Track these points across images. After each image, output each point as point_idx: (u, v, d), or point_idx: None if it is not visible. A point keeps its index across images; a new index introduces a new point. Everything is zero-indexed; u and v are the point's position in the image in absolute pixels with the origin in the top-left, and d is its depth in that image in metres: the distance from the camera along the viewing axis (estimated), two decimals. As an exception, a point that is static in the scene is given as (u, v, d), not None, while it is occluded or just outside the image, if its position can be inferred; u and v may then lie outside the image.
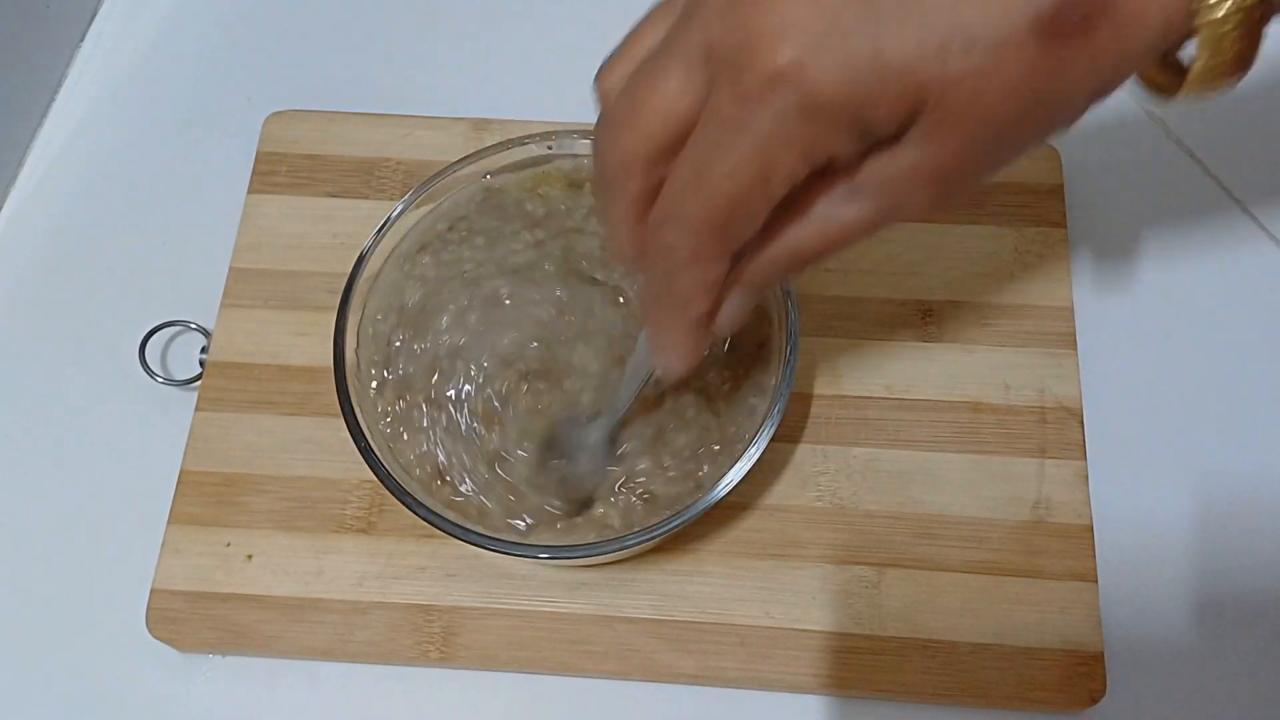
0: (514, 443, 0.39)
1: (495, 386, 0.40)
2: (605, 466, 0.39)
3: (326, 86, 0.55)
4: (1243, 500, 0.44)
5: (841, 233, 0.27)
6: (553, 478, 0.39)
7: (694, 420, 0.39)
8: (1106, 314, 0.48)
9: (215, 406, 0.46)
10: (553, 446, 0.39)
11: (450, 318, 0.41)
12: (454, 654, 0.41)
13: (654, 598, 0.42)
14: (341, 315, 0.40)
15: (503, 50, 0.56)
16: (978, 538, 0.42)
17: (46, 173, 0.54)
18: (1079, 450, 0.44)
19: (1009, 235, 0.48)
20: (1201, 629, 0.42)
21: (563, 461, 0.39)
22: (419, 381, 0.40)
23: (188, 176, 0.53)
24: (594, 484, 0.39)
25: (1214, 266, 0.49)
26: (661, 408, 0.39)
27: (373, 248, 0.41)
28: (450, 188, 0.43)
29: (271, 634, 0.42)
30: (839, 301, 0.47)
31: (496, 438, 0.39)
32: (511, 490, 0.39)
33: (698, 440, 0.39)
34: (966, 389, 0.45)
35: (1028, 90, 0.24)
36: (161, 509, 0.44)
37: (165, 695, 0.43)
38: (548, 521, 0.38)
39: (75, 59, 0.57)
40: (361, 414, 0.39)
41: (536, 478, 0.39)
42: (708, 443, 0.39)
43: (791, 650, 0.41)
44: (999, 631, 0.41)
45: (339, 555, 0.43)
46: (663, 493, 0.39)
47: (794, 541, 0.43)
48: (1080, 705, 0.40)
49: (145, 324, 0.48)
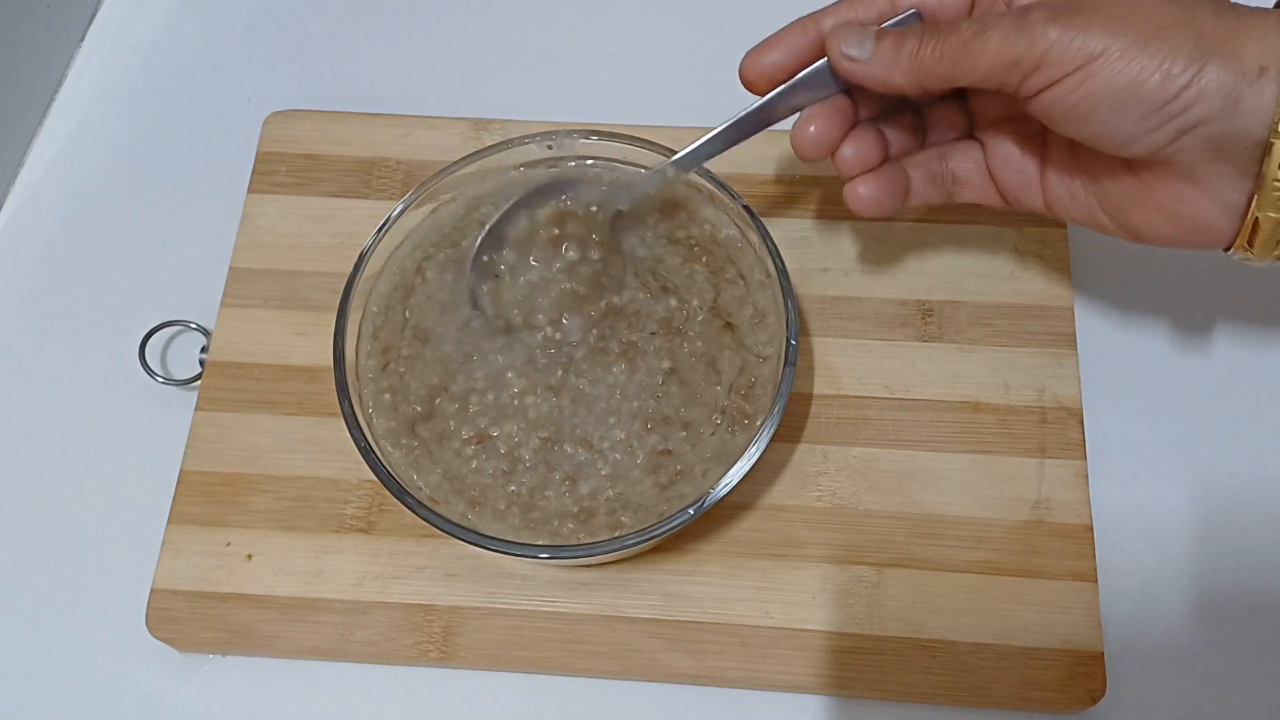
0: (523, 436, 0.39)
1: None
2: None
3: (326, 86, 0.55)
4: (1243, 500, 0.44)
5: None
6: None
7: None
8: (1106, 314, 0.48)
9: (215, 406, 0.46)
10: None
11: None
12: (454, 654, 0.41)
13: (654, 598, 0.42)
14: (341, 315, 0.40)
15: (503, 50, 0.56)
16: (978, 538, 0.42)
17: (46, 173, 0.54)
18: (1079, 450, 0.44)
19: (1009, 235, 0.48)
20: (1201, 629, 0.42)
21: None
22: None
23: (188, 176, 0.53)
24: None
25: (1214, 266, 0.49)
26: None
27: (373, 248, 0.41)
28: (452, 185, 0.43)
29: (271, 634, 0.42)
30: (839, 301, 0.47)
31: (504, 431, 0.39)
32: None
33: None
34: (966, 389, 0.45)
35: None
36: (161, 509, 0.44)
37: (165, 695, 0.43)
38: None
39: (75, 59, 0.57)
40: (361, 414, 0.39)
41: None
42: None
43: (791, 650, 0.41)
44: (999, 631, 0.41)
45: (339, 555, 0.43)
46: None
47: (794, 541, 0.43)
48: (1080, 705, 0.40)
49: (145, 324, 0.48)
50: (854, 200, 0.39)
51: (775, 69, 0.38)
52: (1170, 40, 0.31)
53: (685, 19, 0.57)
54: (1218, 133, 0.32)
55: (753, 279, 0.41)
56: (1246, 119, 0.31)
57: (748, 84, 0.39)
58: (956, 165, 0.41)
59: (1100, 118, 0.33)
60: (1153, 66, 0.31)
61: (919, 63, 0.35)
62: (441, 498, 0.38)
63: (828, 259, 0.48)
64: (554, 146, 0.43)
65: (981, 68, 0.33)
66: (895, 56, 0.35)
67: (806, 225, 0.48)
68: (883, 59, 0.35)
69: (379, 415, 0.40)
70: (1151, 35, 0.31)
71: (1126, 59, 0.31)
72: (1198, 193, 0.34)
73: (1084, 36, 0.32)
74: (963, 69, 0.34)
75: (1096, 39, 0.32)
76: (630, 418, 0.39)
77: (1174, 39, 0.31)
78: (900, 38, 0.35)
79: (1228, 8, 0.32)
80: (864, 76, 0.36)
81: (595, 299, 0.41)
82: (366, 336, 0.41)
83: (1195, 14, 0.32)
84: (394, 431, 0.40)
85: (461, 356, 0.40)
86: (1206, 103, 0.31)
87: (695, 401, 0.40)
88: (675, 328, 0.41)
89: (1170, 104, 0.32)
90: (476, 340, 0.41)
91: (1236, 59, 0.31)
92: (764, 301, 0.41)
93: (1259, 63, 0.31)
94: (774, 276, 0.40)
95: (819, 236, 0.48)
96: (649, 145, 0.42)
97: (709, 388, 0.40)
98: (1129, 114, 0.32)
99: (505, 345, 0.40)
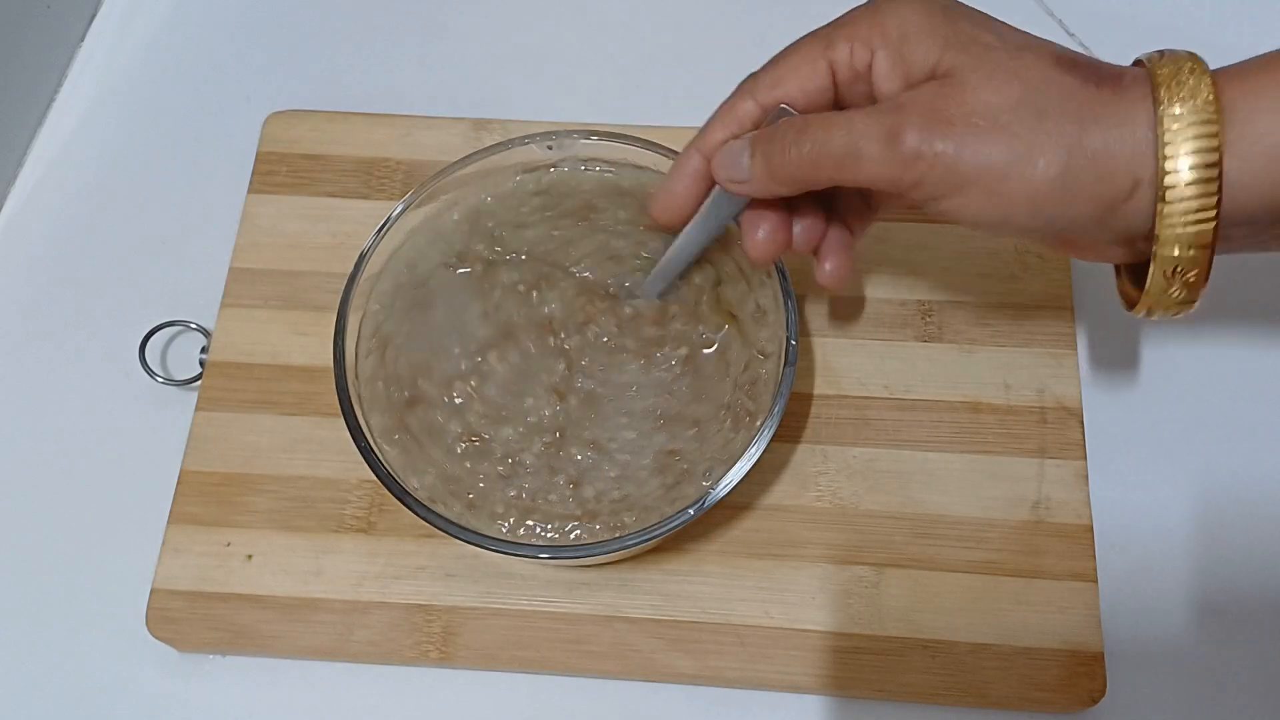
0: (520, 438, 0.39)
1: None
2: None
3: (326, 86, 0.55)
4: (1243, 500, 0.44)
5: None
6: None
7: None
8: (1106, 314, 0.48)
9: (215, 406, 0.46)
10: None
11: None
12: (454, 654, 0.41)
13: (654, 598, 0.42)
14: (341, 315, 0.40)
15: (503, 50, 0.56)
16: (978, 538, 0.42)
17: (46, 173, 0.54)
18: (1079, 450, 0.44)
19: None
20: (1201, 629, 0.42)
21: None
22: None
23: (188, 176, 0.53)
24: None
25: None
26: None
27: (373, 248, 0.41)
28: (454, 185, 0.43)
29: (271, 634, 0.42)
30: (839, 301, 0.47)
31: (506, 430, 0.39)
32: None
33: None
34: (966, 389, 0.45)
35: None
36: (161, 509, 0.44)
37: (165, 695, 0.43)
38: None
39: (75, 59, 0.57)
40: (361, 414, 0.39)
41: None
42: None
43: (791, 650, 0.41)
44: (999, 631, 0.41)
45: (339, 555, 0.43)
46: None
47: (794, 541, 0.43)
48: (1080, 705, 0.40)
49: (145, 324, 0.48)
50: (826, 279, 0.38)
51: (685, 207, 0.38)
52: (1044, 159, 0.31)
53: (685, 19, 0.57)
54: (1094, 233, 0.32)
55: (754, 277, 0.41)
56: (1125, 224, 0.32)
57: (664, 226, 0.39)
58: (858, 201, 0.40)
59: (982, 224, 0.33)
60: (1028, 191, 0.31)
61: (793, 172, 0.34)
62: (440, 498, 0.39)
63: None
64: (554, 147, 0.43)
65: (861, 179, 0.33)
66: (770, 172, 0.34)
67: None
68: (760, 177, 0.35)
69: (374, 412, 0.40)
70: (1024, 152, 0.31)
71: (1001, 180, 0.31)
72: (1078, 251, 0.36)
73: (960, 158, 0.31)
74: (840, 176, 0.33)
75: (970, 161, 0.31)
76: (642, 417, 0.39)
77: (1046, 160, 0.31)
78: (769, 151, 0.34)
79: (1088, 101, 0.31)
80: (755, 193, 0.36)
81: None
82: (366, 336, 0.41)
83: (1059, 123, 0.31)
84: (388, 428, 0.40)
85: (462, 355, 0.40)
86: (1083, 218, 0.31)
87: (705, 397, 0.40)
88: (687, 317, 0.41)
89: (1045, 224, 0.32)
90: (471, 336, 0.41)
91: (1110, 178, 0.31)
92: (765, 299, 0.41)
93: (1132, 176, 0.31)
94: (774, 276, 0.40)
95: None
96: (649, 145, 0.42)
97: (720, 381, 0.40)
98: (1008, 225, 0.32)
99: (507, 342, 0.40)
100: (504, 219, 0.43)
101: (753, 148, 0.35)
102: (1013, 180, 0.31)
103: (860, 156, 0.32)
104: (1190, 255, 0.31)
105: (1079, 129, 0.31)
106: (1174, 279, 0.32)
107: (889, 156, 0.32)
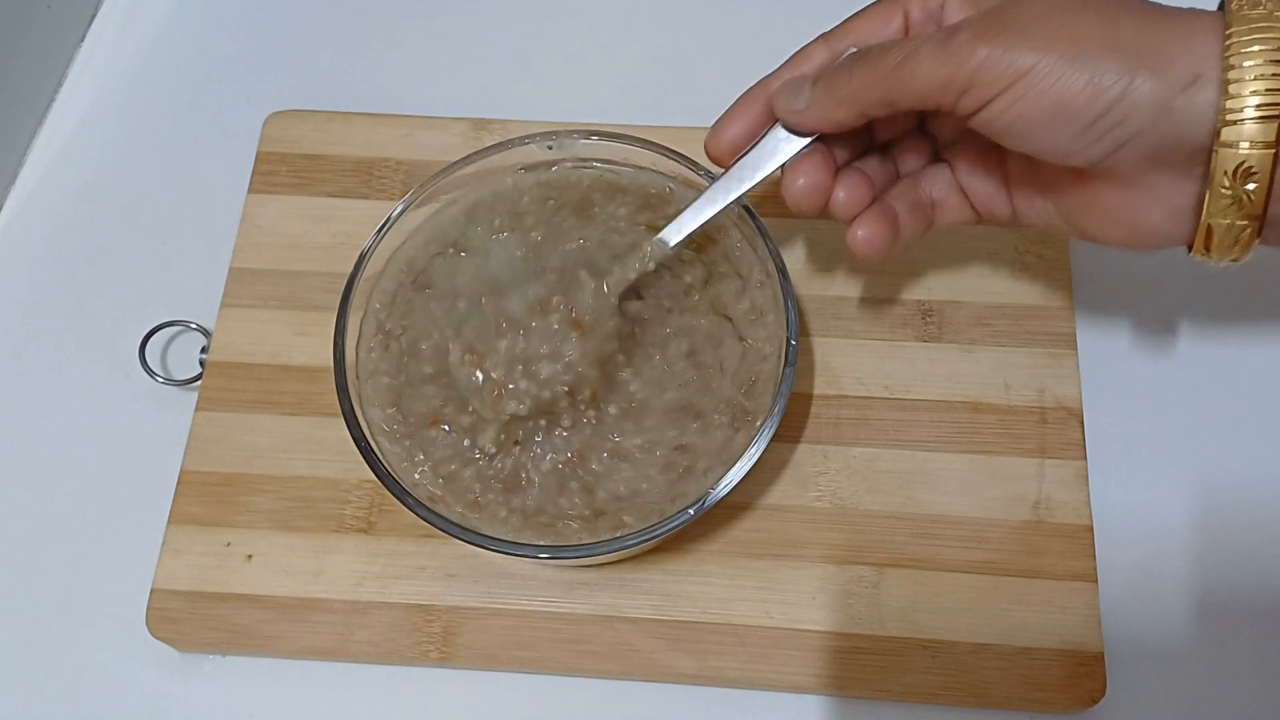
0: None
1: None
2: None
3: (326, 86, 0.55)
4: (1243, 500, 0.44)
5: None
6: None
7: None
8: (1106, 314, 0.48)
9: (215, 406, 0.46)
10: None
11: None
12: (454, 654, 0.41)
13: (654, 598, 0.42)
14: (341, 315, 0.40)
15: (503, 50, 0.56)
16: (978, 538, 0.42)
17: (46, 173, 0.54)
18: (1079, 450, 0.44)
19: (1009, 235, 0.48)
20: (1201, 629, 0.42)
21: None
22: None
23: (188, 176, 0.53)
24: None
25: (1215, 266, 0.48)
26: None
27: (373, 248, 0.41)
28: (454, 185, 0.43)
29: (271, 634, 0.42)
30: (839, 301, 0.47)
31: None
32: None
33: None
34: (966, 389, 0.45)
35: None
36: (161, 509, 0.44)
37: (165, 695, 0.43)
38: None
39: (75, 59, 0.57)
40: (361, 414, 0.39)
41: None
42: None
43: (791, 650, 0.41)
44: (999, 631, 0.41)
45: (339, 555, 0.43)
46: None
47: (794, 541, 0.43)
48: (1080, 705, 0.40)
49: (145, 324, 0.48)
50: (856, 243, 0.38)
51: (737, 141, 0.39)
52: (1098, 54, 0.31)
53: (685, 19, 0.57)
54: (1154, 142, 0.32)
55: (751, 278, 0.41)
56: (1181, 127, 0.31)
57: (714, 159, 0.39)
58: (931, 189, 0.41)
59: (1036, 133, 0.33)
60: (1082, 82, 0.31)
61: (852, 92, 0.35)
62: (439, 497, 0.39)
63: (828, 259, 0.48)
64: (554, 147, 0.43)
65: (916, 89, 0.33)
66: (830, 95, 0.36)
67: (806, 225, 0.48)
68: (820, 101, 0.36)
69: (371, 408, 0.40)
70: (1080, 50, 0.31)
71: (1055, 76, 0.31)
72: (1141, 197, 0.35)
73: (1011, 54, 0.32)
74: (896, 92, 0.34)
75: (1024, 56, 0.31)
76: (657, 413, 0.39)
77: (1102, 53, 0.31)
78: (830, 75, 0.36)
79: (1155, 15, 0.32)
80: (811, 123, 0.37)
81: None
82: (367, 336, 0.41)
83: (1120, 26, 0.31)
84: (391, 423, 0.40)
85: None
86: (1139, 115, 0.31)
87: (705, 390, 0.40)
88: (683, 307, 0.41)
89: (1103, 118, 0.32)
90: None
91: (1166, 69, 0.31)
92: (762, 300, 0.41)
93: (1191, 71, 0.31)
94: (773, 276, 0.40)
95: (819, 236, 0.48)
96: (649, 145, 0.42)
97: (717, 380, 0.40)
98: (1063, 129, 0.32)
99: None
100: (502, 210, 0.43)
101: (815, 79, 0.36)
102: (1069, 72, 0.31)
103: (916, 60, 0.33)
104: (1255, 154, 0.31)
105: (1138, 27, 0.31)
106: (1236, 183, 0.32)
107: (942, 57, 0.32)
